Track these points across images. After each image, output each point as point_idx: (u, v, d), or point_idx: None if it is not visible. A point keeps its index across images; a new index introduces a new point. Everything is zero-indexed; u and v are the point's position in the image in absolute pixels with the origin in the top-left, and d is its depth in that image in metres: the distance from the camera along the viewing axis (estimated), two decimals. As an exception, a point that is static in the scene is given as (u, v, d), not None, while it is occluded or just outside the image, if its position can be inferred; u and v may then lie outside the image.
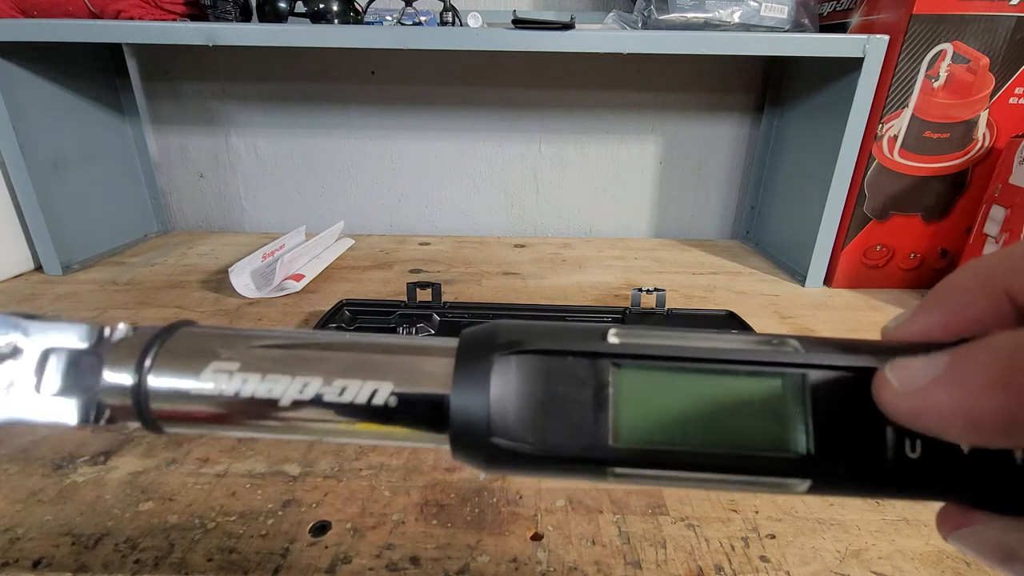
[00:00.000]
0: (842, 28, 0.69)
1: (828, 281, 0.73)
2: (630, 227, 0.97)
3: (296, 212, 0.96)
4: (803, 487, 0.13)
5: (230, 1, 0.65)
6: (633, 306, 0.57)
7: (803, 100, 0.78)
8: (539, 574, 0.30)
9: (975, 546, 0.13)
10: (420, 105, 0.89)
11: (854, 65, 0.63)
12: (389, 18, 0.75)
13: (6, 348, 0.14)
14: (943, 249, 0.70)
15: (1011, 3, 0.58)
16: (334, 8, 0.68)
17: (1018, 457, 0.12)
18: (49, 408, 0.14)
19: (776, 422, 0.13)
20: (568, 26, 0.62)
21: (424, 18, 0.73)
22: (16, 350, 0.14)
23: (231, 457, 0.38)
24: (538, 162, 0.93)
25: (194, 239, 0.89)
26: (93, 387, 0.14)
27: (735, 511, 0.34)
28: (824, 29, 0.70)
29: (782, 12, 0.65)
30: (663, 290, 0.56)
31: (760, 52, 0.63)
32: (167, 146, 0.92)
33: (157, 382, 0.14)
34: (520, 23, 0.62)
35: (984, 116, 0.63)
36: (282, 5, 0.67)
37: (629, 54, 0.63)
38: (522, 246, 0.88)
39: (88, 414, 0.15)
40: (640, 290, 0.56)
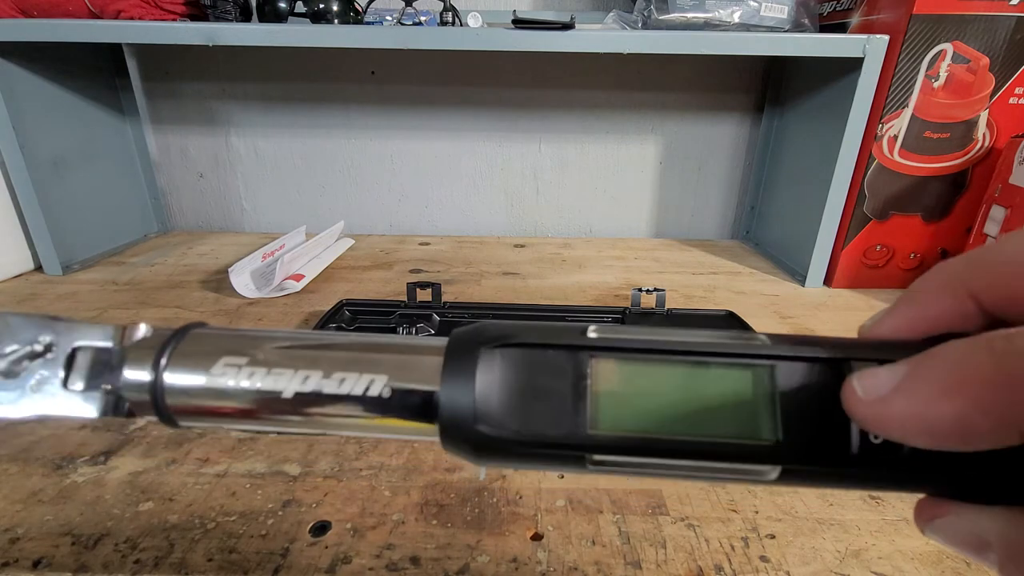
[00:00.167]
0: (842, 28, 0.69)
1: (828, 281, 0.73)
2: (630, 227, 0.97)
3: (296, 212, 0.96)
4: (773, 474, 0.14)
5: (230, 1, 0.65)
6: (633, 306, 0.57)
7: (803, 100, 0.78)
8: (539, 574, 0.30)
9: (949, 536, 0.14)
10: (420, 105, 0.89)
11: (854, 65, 0.63)
12: (389, 18, 0.75)
13: (38, 346, 0.15)
14: (943, 249, 0.70)
15: (1011, 3, 0.58)
16: (334, 8, 0.68)
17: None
18: (74, 403, 0.15)
19: (747, 411, 0.14)
20: (568, 26, 0.62)
21: (424, 18, 0.73)
22: (48, 349, 0.16)
23: (231, 457, 0.38)
24: (538, 162, 0.93)
25: (194, 239, 0.89)
26: (115, 383, 0.16)
27: (735, 511, 0.34)
28: (824, 29, 0.70)
29: (782, 12, 0.65)
30: (663, 290, 0.56)
31: (760, 52, 0.63)
32: (167, 146, 0.92)
33: (172, 378, 0.16)
34: (520, 23, 0.62)
35: (984, 116, 0.63)
36: (282, 5, 0.67)
37: (629, 54, 0.63)
38: (522, 246, 0.88)
39: (109, 408, 0.16)
40: (640, 290, 0.56)
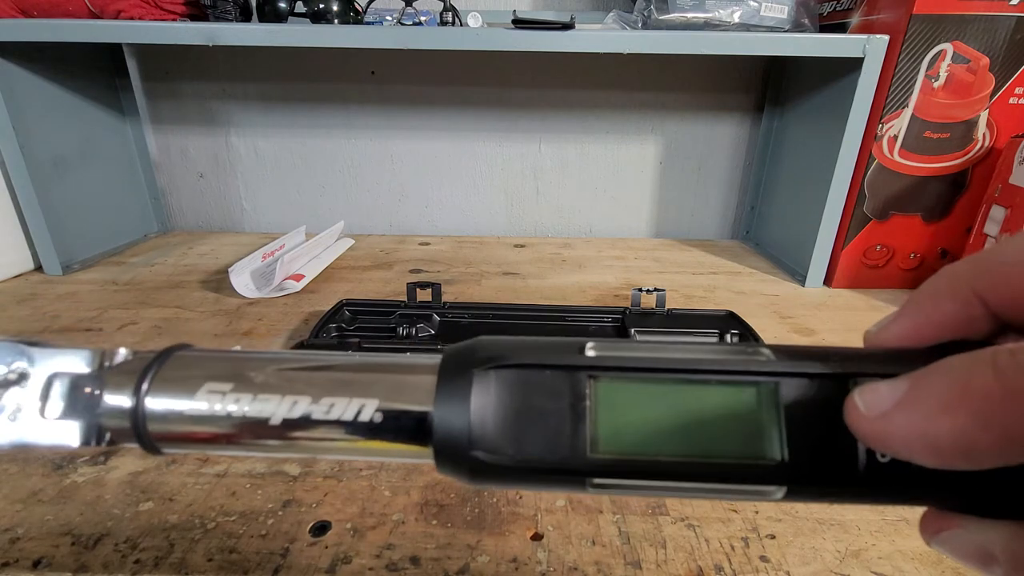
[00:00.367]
0: (842, 28, 0.69)
1: (828, 281, 0.73)
2: (630, 227, 0.97)
3: (296, 212, 0.96)
4: (779, 494, 0.14)
5: (230, 1, 0.65)
6: (633, 306, 0.57)
7: (803, 100, 0.78)
8: (539, 574, 0.30)
9: (955, 549, 0.13)
10: (420, 105, 0.89)
11: (854, 65, 0.63)
12: (389, 18, 0.75)
13: (12, 375, 0.15)
14: (943, 249, 0.70)
15: (1011, 3, 0.58)
16: (334, 8, 0.68)
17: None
18: (53, 432, 0.15)
19: (751, 431, 0.14)
20: (568, 26, 0.62)
21: (424, 18, 0.73)
22: (22, 376, 0.15)
23: (231, 457, 0.38)
24: (538, 162, 0.93)
25: (194, 239, 0.89)
26: (94, 410, 0.15)
27: (735, 511, 0.34)
28: (824, 29, 0.70)
29: (782, 12, 0.65)
30: (663, 290, 0.56)
31: (760, 52, 0.63)
32: (167, 146, 0.92)
33: (154, 404, 0.15)
34: (520, 23, 0.62)
35: (984, 116, 0.63)
36: (282, 5, 0.67)
37: (629, 54, 0.63)
38: (522, 246, 0.88)
39: (90, 437, 0.15)
40: (640, 290, 0.56)
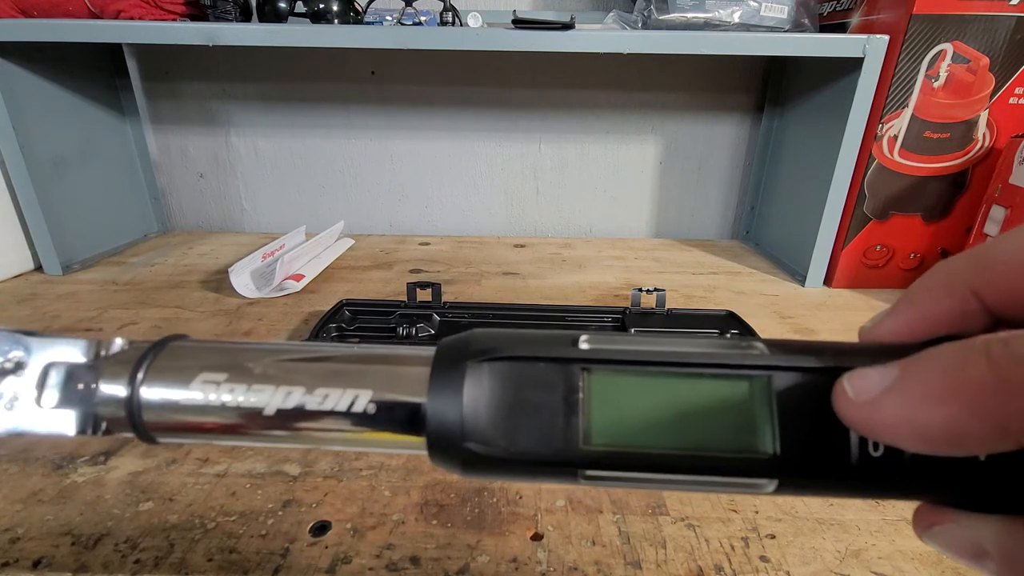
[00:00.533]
0: (842, 28, 0.69)
1: (828, 281, 0.73)
2: (630, 227, 0.97)
3: (296, 212, 0.96)
4: (771, 487, 0.14)
5: (230, 1, 0.65)
6: (633, 306, 0.57)
7: (803, 100, 0.78)
8: (539, 574, 0.30)
9: (947, 544, 0.13)
10: (420, 105, 0.89)
11: (854, 65, 0.63)
12: (389, 18, 0.75)
13: (9, 364, 0.15)
14: (943, 249, 0.70)
15: (1011, 3, 0.58)
16: (334, 8, 0.68)
17: (982, 455, 0.12)
18: (49, 420, 0.15)
19: (743, 424, 0.14)
20: (568, 26, 0.62)
21: (424, 18, 0.73)
22: (19, 366, 0.15)
23: (231, 457, 0.38)
24: (538, 162, 0.93)
25: (194, 239, 0.89)
26: (90, 400, 0.15)
27: (735, 511, 0.34)
28: (824, 29, 0.70)
29: (782, 12, 0.65)
30: (663, 290, 0.56)
31: (760, 52, 0.63)
32: (167, 146, 0.92)
33: (149, 394, 0.15)
34: (520, 23, 0.62)
35: (984, 116, 0.63)
36: (282, 5, 0.67)
37: (629, 54, 0.63)
38: (522, 246, 0.88)
39: (86, 425, 0.15)
40: (640, 290, 0.56)
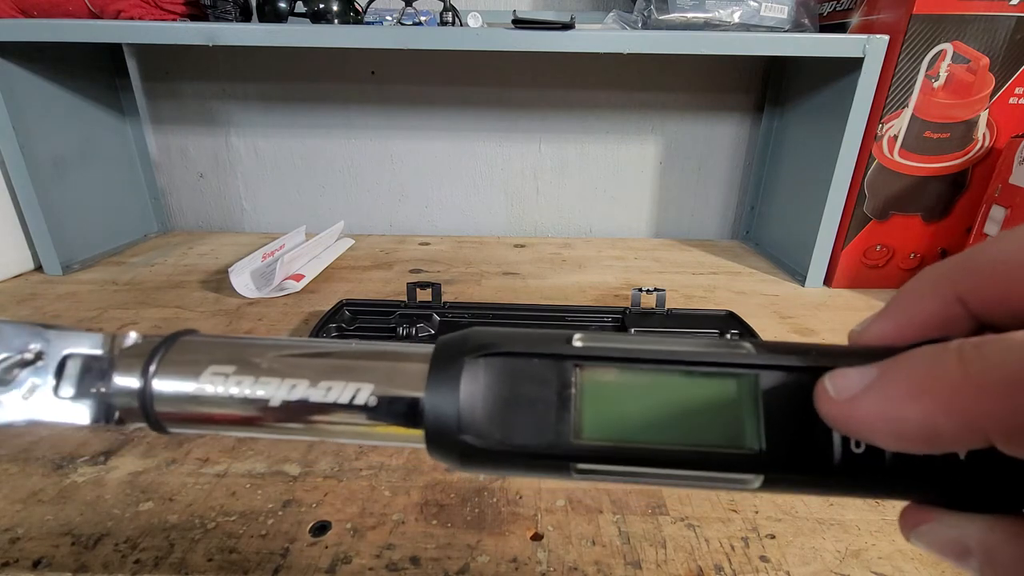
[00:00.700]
0: (842, 28, 0.69)
1: (828, 281, 0.73)
2: (630, 227, 0.97)
3: (296, 212, 0.96)
4: (756, 483, 0.14)
5: (230, 1, 0.65)
6: (633, 306, 0.57)
7: (803, 100, 0.78)
8: (539, 574, 0.30)
9: (931, 543, 0.14)
10: (420, 105, 0.89)
11: (854, 65, 0.63)
12: (389, 18, 0.75)
13: (28, 355, 0.16)
14: (943, 249, 0.70)
15: (1011, 3, 0.58)
16: (334, 8, 0.68)
17: (962, 454, 0.13)
18: (66, 410, 0.16)
19: (730, 420, 0.14)
20: (568, 26, 0.62)
21: (424, 18, 0.73)
22: (38, 357, 0.16)
23: (231, 457, 0.38)
24: (538, 162, 0.93)
25: (194, 239, 0.89)
26: (104, 391, 0.16)
27: (735, 511, 0.34)
28: (824, 29, 0.70)
29: (782, 12, 0.65)
30: (663, 290, 0.56)
31: (760, 52, 0.63)
32: (167, 146, 0.92)
33: (161, 385, 0.16)
34: (520, 23, 0.62)
35: (984, 116, 0.63)
36: (282, 5, 0.67)
37: (629, 54, 0.63)
38: (522, 246, 0.88)
39: (100, 416, 0.16)
40: (640, 290, 0.56)
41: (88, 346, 0.16)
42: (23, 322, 0.16)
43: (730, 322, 0.55)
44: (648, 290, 0.56)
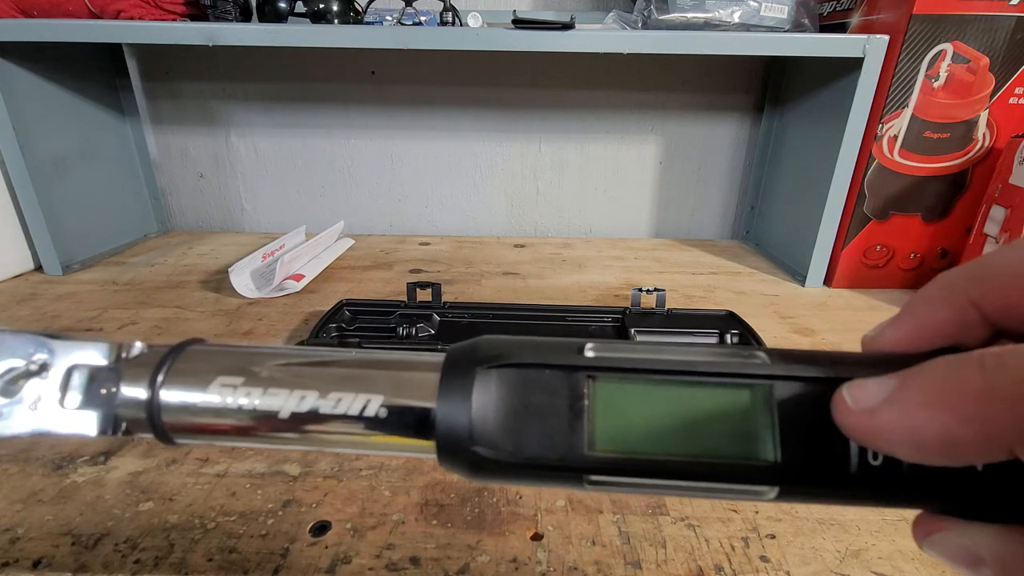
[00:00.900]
0: (842, 28, 0.69)
1: (828, 281, 0.73)
2: (630, 227, 0.97)
3: (296, 212, 0.96)
4: (772, 494, 0.14)
5: (230, 1, 0.65)
6: (633, 306, 0.57)
7: (803, 100, 0.78)
8: (539, 574, 0.30)
9: (944, 552, 0.13)
10: (420, 105, 0.89)
11: (854, 65, 0.63)
12: (389, 18, 0.75)
13: (33, 366, 0.15)
14: (943, 249, 0.70)
15: (1011, 3, 0.58)
16: (334, 8, 0.68)
17: (979, 465, 0.12)
18: (72, 421, 0.15)
19: (745, 432, 0.14)
20: (568, 26, 0.62)
21: (424, 18, 0.73)
22: (43, 367, 0.16)
23: (231, 457, 0.38)
24: (538, 162, 0.93)
25: (194, 239, 0.89)
26: (111, 401, 0.16)
27: (735, 511, 0.34)
28: (824, 29, 0.70)
29: (782, 12, 0.65)
30: (663, 290, 0.56)
31: (760, 52, 0.63)
32: (167, 146, 0.92)
33: (168, 396, 0.16)
34: (520, 23, 0.62)
35: (984, 116, 0.63)
36: (282, 5, 0.67)
37: (629, 54, 0.63)
38: (522, 246, 0.88)
39: (106, 426, 0.16)
40: (640, 290, 0.56)
41: (94, 356, 0.16)
42: (27, 331, 0.16)
43: (730, 322, 0.55)
44: (648, 290, 0.56)
